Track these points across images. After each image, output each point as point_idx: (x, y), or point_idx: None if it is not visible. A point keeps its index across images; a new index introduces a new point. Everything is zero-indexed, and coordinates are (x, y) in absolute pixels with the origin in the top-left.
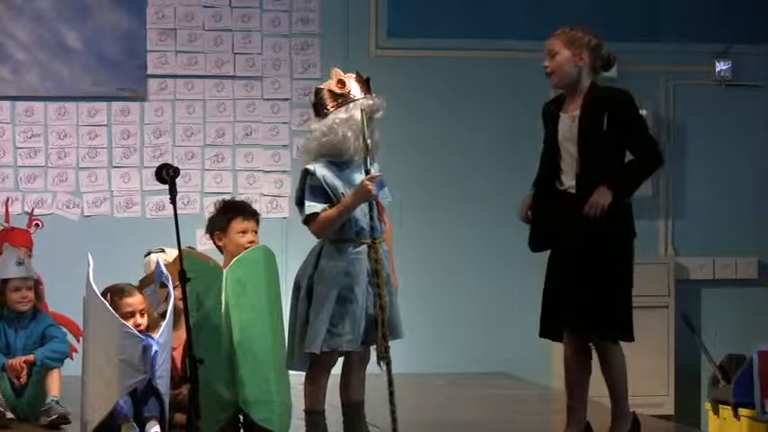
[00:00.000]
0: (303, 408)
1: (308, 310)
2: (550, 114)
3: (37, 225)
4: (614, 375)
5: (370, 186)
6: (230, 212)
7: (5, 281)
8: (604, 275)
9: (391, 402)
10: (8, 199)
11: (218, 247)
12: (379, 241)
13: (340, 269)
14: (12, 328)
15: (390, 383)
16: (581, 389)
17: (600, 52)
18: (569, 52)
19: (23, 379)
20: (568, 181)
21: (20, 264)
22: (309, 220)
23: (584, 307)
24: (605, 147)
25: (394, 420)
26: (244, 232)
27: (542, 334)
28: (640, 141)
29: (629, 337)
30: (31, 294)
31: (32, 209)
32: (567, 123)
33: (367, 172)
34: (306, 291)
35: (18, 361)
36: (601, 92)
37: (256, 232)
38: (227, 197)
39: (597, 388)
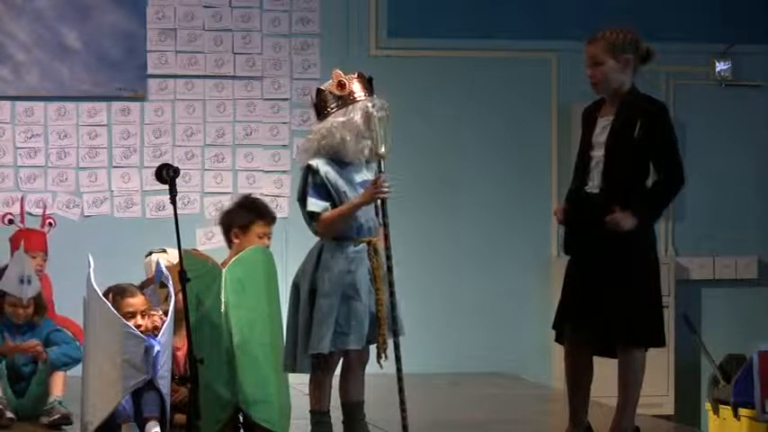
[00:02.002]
0: (309, 408)
1: (311, 311)
2: (589, 118)
3: (50, 224)
4: (630, 383)
5: (379, 191)
6: (254, 214)
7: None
8: (630, 280)
9: (401, 401)
10: (23, 197)
11: (229, 240)
12: (377, 239)
13: (343, 268)
14: (11, 333)
15: (400, 382)
16: (583, 390)
17: (640, 49)
18: (614, 61)
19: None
20: (595, 184)
21: (22, 282)
22: (312, 218)
23: (613, 312)
24: (634, 152)
25: (404, 418)
26: (263, 236)
27: (558, 339)
28: (666, 160)
29: (662, 342)
30: (26, 311)
31: (44, 207)
32: (602, 126)
33: (380, 171)
34: (308, 292)
35: (24, 346)
36: (638, 98)
37: (271, 237)
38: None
39: (599, 388)
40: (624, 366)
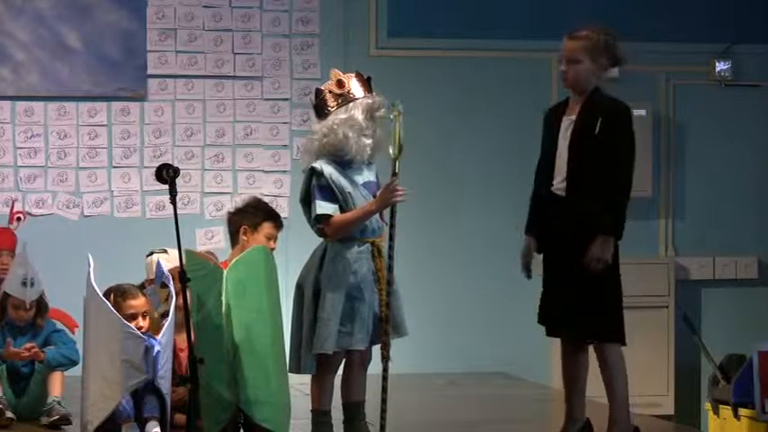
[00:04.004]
0: (310, 408)
1: (315, 311)
2: (554, 118)
3: (18, 219)
4: (610, 378)
5: (394, 195)
6: (265, 214)
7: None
8: (590, 277)
9: (383, 401)
10: None
11: (235, 238)
12: (380, 240)
13: (346, 268)
14: (13, 334)
15: (385, 382)
16: (577, 386)
17: (616, 54)
18: (592, 62)
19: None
20: (559, 183)
21: (25, 284)
22: (320, 220)
23: (575, 308)
24: (595, 151)
25: (384, 410)
26: (271, 237)
27: (548, 333)
28: (620, 161)
29: (620, 339)
30: (28, 313)
31: (12, 203)
32: (566, 125)
33: (394, 174)
34: (312, 293)
35: (24, 353)
36: (602, 98)
37: (276, 241)
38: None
39: (598, 388)
40: (601, 363)
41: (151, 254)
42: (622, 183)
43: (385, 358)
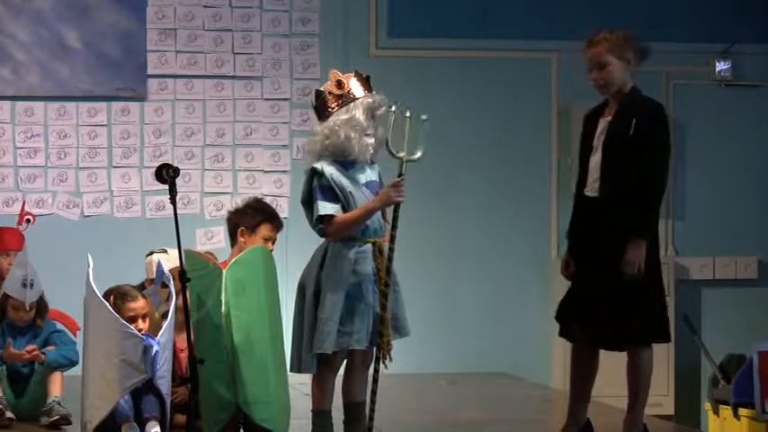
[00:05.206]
0: (310, 408)
1: (315, 311)
2: (592, 120)
3: (28, 221)
4: (639, 381)
5: (394, 196)
6: (263, 216)
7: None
8: (628, 280)
9: (373, 399)
10: None
11: (234, 239)
12: (382, 240)
13: (347, 268)
14: (14, 335)
15: (375, 382)
16: (585, 390)
17: (637, 47)
18: (618, 60)
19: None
20: (591, 184)
21: (24, 285)
22: (322, 221)
23: (615, 313)
24: (629, 152)
25: (372, 409)
26: (269, 239)
27: (562, 334)
28: (651, 160)
29: (667, 337)
30: (29, 314)
31: (24, 203)
32: (602, 127)
33: (399, 175)
34: (313, 293)
35: (25, 355)
36: (637, 98)
37: (275, 242)
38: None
39: (598, 387)
40: (634, 367)
41: (151, 254)
42: (654, 184)
43: (383, 358)
